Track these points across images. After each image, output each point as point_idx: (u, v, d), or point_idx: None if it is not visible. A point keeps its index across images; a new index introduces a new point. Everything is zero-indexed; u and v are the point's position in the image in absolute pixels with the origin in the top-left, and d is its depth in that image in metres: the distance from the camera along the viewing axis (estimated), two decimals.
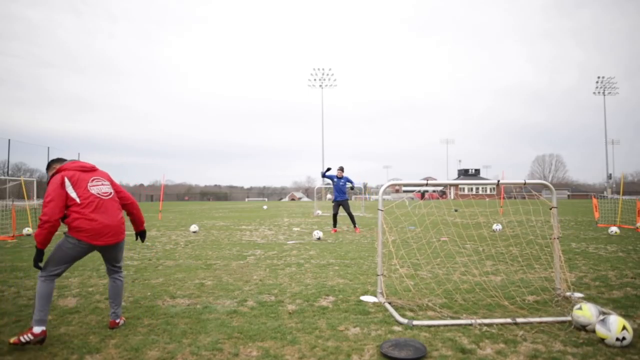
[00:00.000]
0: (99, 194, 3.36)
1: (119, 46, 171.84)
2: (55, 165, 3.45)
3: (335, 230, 11.62)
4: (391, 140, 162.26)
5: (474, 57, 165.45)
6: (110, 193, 3.46)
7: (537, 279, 5.32)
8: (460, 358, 2.89)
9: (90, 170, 3.46)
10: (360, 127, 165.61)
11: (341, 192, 11.64)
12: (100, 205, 3.32)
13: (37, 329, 3.05)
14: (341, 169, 11.77)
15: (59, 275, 3.26)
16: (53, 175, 3.32)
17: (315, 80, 68.41)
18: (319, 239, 9.72)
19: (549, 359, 2.86)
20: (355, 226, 11.72)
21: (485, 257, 7.11)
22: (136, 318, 3.79)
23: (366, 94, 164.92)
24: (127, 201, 3.62)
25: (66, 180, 3.24)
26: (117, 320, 3.52)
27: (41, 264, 3.22)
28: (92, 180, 3.38)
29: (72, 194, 3.23)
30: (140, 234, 3.89)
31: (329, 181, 12.28)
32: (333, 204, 11.85)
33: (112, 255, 3.52)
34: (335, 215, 11.74)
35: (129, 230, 4.86)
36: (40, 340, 3.05)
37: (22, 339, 3.00)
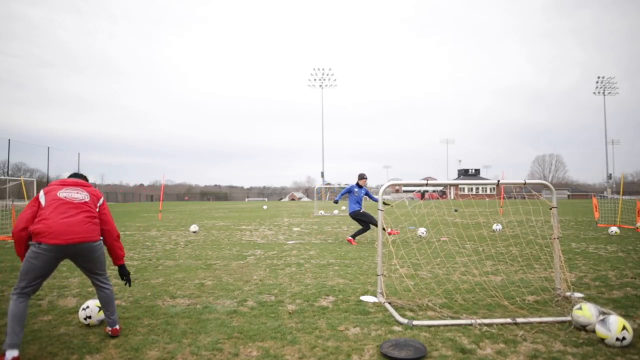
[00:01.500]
0: (66, 197, 3.19)
1: (119, 46, 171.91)
2: None
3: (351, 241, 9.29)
4: (391, 140, 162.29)
5: (474, 57, 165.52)
6: (82, 199, 3.24)
7: (537, 279, 5.32)
8: (460, 358, 2.89)
9: (71, 184, 3.34)
10: (360, 127, 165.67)
11: (359, 203, 9.55)
12: (60, 206, 3.12)
13: (8, 354, 2.75)
14: (364, 177, 9.69)
15: (29, 291, 2.98)
16: None
17: (315, 80, 68.43)
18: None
19: (549, 359, 2.86)
20: (355, 237, 9.39)
21: (485, 257, 7.11)
22: (136, 318, 3.79)
23: (366, 94, 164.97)
24: (104, 226, 3.34)
25: (41, 192, 3.20)
26: (117, 327, 3.34)
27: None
28: (66, 188, 3.27)
29: (42, 199, 3.14)
30: (120, 270, 3.52)
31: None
32: (351, 214, 9.54)
33: (83, 262, 3.21)
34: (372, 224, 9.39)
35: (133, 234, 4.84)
36: None
37: None
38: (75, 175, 3.54)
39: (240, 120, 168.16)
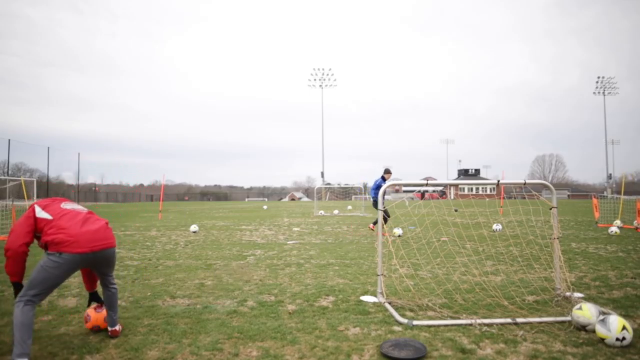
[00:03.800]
0: (73, 208, 3.20)
1: (120, 45, 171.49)
2: None
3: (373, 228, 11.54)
4: (391, 140, 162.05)
5: (475, 57, 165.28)
6: (87, 211, 3.25)
7: (537, 279, 5.32)
8: (460, 358, 2.89)
9: (63, 200, 3.35)
10: (361, 126, 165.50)
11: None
12: (76, 216, 3.10)
13: None
14: (388, 172, 11.07)
15: (40, 300, 2.90)
16: None
17: (315, 80, 68.40)
18: (399, 236, 9.98)
19: (549, 359, 2.86)
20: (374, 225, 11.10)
21: (485, 257, 7.11)
22: (136, 318, 3.79)
23: (366, 93, 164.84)
24: None
25: (36, 207, 3.07)
26: (117, 328, 3.35)
27: None
28: (65, 202, 3.27)
29: (43, 214, 3.02)
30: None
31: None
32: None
33: (102, 266, 3.22)
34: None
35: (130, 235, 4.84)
36: None
37: None
38: None
39: (240, 120, 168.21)
